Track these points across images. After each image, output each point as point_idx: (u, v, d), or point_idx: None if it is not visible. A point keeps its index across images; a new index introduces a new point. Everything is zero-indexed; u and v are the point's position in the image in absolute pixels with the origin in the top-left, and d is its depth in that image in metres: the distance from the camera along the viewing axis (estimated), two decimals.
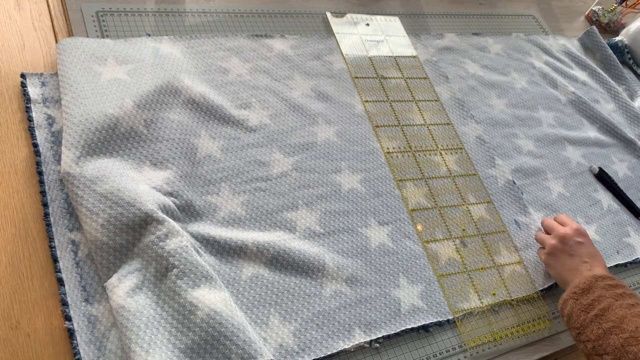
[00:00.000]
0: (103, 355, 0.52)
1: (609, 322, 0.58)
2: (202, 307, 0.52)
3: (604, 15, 1.27)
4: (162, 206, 0.59)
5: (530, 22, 1.17)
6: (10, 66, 0.68)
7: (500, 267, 0.74)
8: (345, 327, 0.61)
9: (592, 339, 0.59)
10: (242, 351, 0.51)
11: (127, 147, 0.63)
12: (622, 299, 0.61)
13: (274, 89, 0.79)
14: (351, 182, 0.74)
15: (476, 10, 1.13)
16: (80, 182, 0.58)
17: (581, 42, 1.17)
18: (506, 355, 0.66)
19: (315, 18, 0.93)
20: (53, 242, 0.57)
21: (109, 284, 0.54)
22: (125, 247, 0.56)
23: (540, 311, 0.71)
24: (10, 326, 0.52)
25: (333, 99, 0.82)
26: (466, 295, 0.69)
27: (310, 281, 0.63)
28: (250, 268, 0.61)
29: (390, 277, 0.67)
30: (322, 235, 0.68)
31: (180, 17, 0.82)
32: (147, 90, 0.68)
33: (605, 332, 0.58)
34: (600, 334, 0.58)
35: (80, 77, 0.66)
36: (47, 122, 0.65)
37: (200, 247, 0.60)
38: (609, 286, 0.63)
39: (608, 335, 0.58)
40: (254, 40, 0.84)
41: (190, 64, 0.76)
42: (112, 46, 0.71)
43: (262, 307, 0.59)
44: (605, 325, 0.58)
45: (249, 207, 0.67)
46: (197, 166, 0.67)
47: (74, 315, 0.53)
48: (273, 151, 0.73)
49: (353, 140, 0.79)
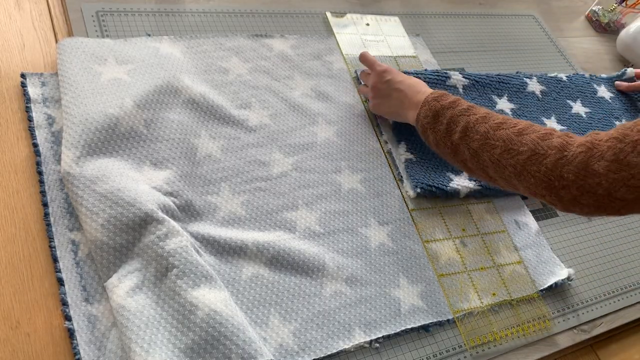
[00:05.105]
0: (103, 355, 0.52)
1: (476, 141, 0.62)
2: (202, 307, 0.52)
3: (604, 15, 1.28)
4: (162, 206, 0.59)
5: (530, 22, 1.17)
6: (10, 66, 0.68)
7: (500, 267, 0.74)
8: (345, 327, 0.61)
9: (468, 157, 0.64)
10: (242, 351, 0.51)
11: (127, 147, 0.63)
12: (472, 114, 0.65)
13: (274, 89, 0.79)
14: (351, 182, 0.74)
15: (476, 10, 1.13)
16: (80, 182, 0.58)
17: None
18: (506, 355, 0.66)
19: (315, 18, 0.93)
20: (53, 242, 0.57)
21: (109, 284, 0.54)
22: (125, 247, 0.56)
23: (540, 311, 0.71)
24: (10, 326, 0.52)
25: (333, 99, 0.82)
26: (466, 295, 0.69)
27: (310, 281, 0.63)
28: (250, 268, 0.61)
29: (390, 277, 0.67)
30: (322, 235, 0.68)
31: (180, 17, 0.82)
32: (147, 90, 0.68)
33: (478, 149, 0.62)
34: (472, 152, 0.63)
35: (80, 77, 0.66)
36: (47, 122, 0.65)
37: (200, 247, 0.60)
38: (451, 103, 0.67)
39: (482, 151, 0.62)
40: (254, 40, 0.84)
41: (190, 64, 0.76)
42: (112, 46, 0.71)
43: (262, 307, 0.59)
44: (474, 144, 0.63)
45: (249, 207, 0.67)
46: (197, 166, 0.67)
47: (74, 315, 0.53)
48: (273, 151, 0.73)
49: (353, 140, 0.79)
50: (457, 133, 0.64)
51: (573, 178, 0.54)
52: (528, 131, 0.59)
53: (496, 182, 0.63)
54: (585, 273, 0.78)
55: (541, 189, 0.57)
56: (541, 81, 0.99)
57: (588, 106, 1.00)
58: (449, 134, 0.65)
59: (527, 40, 1.13)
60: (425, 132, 0.69)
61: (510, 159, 0.59)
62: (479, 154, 0.62)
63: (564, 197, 0.55)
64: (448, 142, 0.65)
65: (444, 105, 0.67)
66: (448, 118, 0.65)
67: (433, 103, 0.68)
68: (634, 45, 1.17)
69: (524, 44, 1.12)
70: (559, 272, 0.76)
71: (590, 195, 0.53)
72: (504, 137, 0.60)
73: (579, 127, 0.95)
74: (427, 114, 0.68)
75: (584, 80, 1.05)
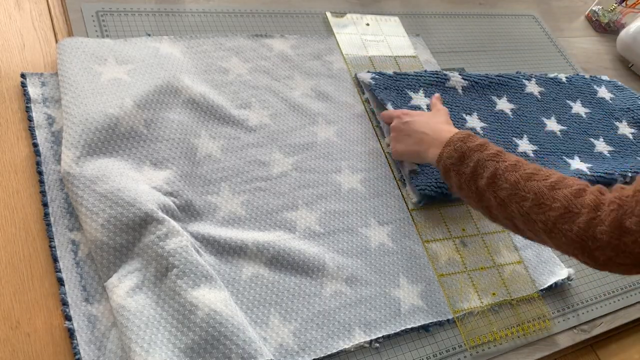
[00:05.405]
0: (103, 355, 0.52)
1: (505, 190, 0.59)
2: (202, 307, 0.52)
3: (603, 15, 1.28)
4: (162, 206, 0.59)
5: (530, 22, 1.18)
6: (10, 66, 0.68)
7: (500, 267, 0.74)
8: (345, 327, 0.61)
9: (494, 204, 0.61)
10: (242, 351, 0.51)
11: (127, 147, 0.63)
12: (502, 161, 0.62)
13: (274, 89, 0.79)
14: (351, 182, 0.74)
15: (476, 10, 1.13)
16: (80, 182, 0.58)
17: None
18: (506, 355, 0.66)
19: (315, 18, 0.93)
20: (53, 242, 0.57)
21: (109, 284, 0.54)
22: (125, 247, 0.56)
23: (540, 311, 0.71)
24: (10, 326, 0.52)
25: (333, 99, 0.82)
26: (466, 295, 0.69)
27: (310, 281, 0.63)
28: (250, 268, 0.61)
29: (390, 277, 0.67)
30: (322, 235, 0.68)
31: (180, 17, 0.82)
32: (147, 90, 0.68)
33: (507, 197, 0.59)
34: (499, 201, 0.60)
35: (80, 77, 0.66)
36: (47, 122, 0.65)
37: (200, 247, 0.60)
38: (478, 146, 0.63)
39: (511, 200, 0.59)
40: (254, 40, 0.84)
41: (190, 63, 0.76)
42: (112, 46, 0.71)
43: (262, 307, 0.59)
44: (502, 193, 0.59)
45: (249, 207, 0.67)
46: (197, 166, 0.67)
47: (74, 315, 0.53)
48: (273, 151, 0.73)
49: (353, 140, 0.79)
50: (484, 179, 0.61)
51: (607, 239, 0.51)
52: (561, 185, 0.56)
53: (522, 233, 0.60)
54: (585, 273, 0.78)
55: (573, 248, 0.54)
56: (540, 82, 0.99)
57: (588, 106, 1.00)
58: (474, 179, 0.62)
59: (527, 40, 1.13)
60: (447, 173, 0.65)
61: (541, 214, 0.56)
62: (506, 203, 0.59)
63: (599, 258, 0.53)
64: (473, 186, 0.62)
65: (471, 148, 0.63)
66: (475, 161, 0.62)
67: (459, 144, 0.64)
68: (634, 45, 1.17)
69: (524, 44, 1.12)
70: (559, 272, 0.76)
71: (626, 255, 0.51)
72: (535, 189, 0.57)
73: (579, 127, 0.95)
74: (451, 155, 0.64)
75: (584, 81, 1.05)
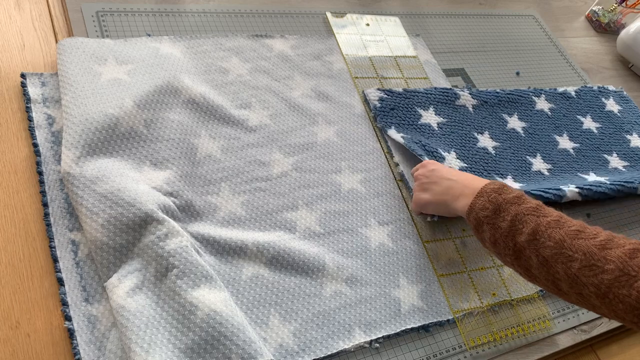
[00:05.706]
0: (103, 355, 0.52)
1: (549, 248, 0.54)
2: (202, 307, 0.52)
3: (604, 15, 1.28)
4: (162, 206, 0.59)
5: (530, 22, 1.18)
6: (10, 66, 0.68)
7: (500, 267, 0.74)
8: (345, 327, 0.61)
9: (535, 265, 0.55)
10: (242, 351, 0.51)
11: (127, 147, 0.63)
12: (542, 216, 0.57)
13: (274, 89, 0.79)
14: (351, 182, 0.74)
15: (476, 10, 1.13)
16: (80, 182, 0.58)
17: None
18: (506, 355, 0.66)
19: (315, 18, 0.93)
20: (53, 242, 0.57)
21: (109, 284, 0.54)
22: (125, 247, 0.56)
23: (540, 311, 0.71)
24: (10, 326, 0.52)
25: (333, 99, 0.82)
26: (466, 295, 0.69)
27: (310, 281, 0.63)
28: (250, 268, 0.61)
29: (390, 277, 0.67)
30: (322, 235, 0.68)
31: (180, 17, 0.82)
32: (147, 90, 0.68)
33: (548, 258, 0.54)
34: (542, 260, 0.55)
35: (80, 77, 0.66)
36: (47, 122, 0.65)
37: (200, 247, 0.60)
38: (515, 198, 0.59)
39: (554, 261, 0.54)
40: (254, 40, 0.84)
41: (190, 64, 0.76)
42: (112, 46, 0.71)
43: (262, 307, 0.59)
44: (546, 252, 0.54)
45: (249, 207, 0.67)
46: (197, 166, 0.67)
47: (74, 315, 0.53)
48: (273, 151, 0.73)
49: (353, 140, 0.79)
50: (524, 234, 0.55)
51: None
52: (612, 245, 0.51)
53: (567, 297, 0.55)
54: None
55: (632, 315, 0.49)
56: (549, 98, 0.98)
57: (598, 121, 1.00)
58: (512, 234, 0.57)
59: (527, 40, 1.13)
60: (480, 227, 0.60)
61: (592, 277, 0.50)
62: (550, 263, 0.53)
63: None
64: (510, 242, 0.57)
65: (507, 200, 0.58)
66: (512, 215, 0.57)
67: (493, 195, 0.59)
68: (634, 45, 1.17)
69: (524, 44, 1.12)
70: None
71: None
72: (583, 248, 0.52)
73: (591, 143, 0.95)
74: (485, 206, 0.59)
75: (592, 94, 1.04)
